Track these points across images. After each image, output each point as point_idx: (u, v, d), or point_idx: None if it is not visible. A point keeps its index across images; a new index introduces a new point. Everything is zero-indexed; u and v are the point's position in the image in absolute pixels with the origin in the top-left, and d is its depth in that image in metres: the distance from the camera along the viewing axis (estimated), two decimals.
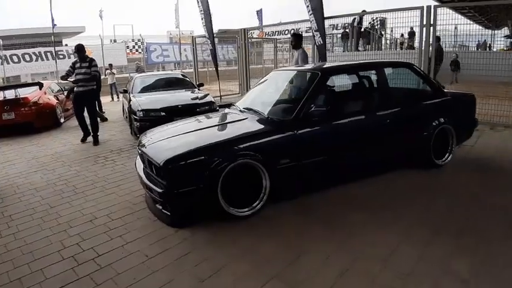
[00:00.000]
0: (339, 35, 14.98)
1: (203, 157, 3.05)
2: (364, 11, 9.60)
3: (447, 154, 4.52)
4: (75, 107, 6.59)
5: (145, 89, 7.44)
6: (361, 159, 3.86)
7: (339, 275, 2.38)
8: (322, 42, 7.82)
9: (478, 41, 17.97)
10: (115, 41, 19.31)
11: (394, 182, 3.99)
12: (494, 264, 2.45)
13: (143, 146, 3.59)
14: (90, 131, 6.52)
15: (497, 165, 4.56)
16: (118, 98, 13.88)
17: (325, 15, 7.56)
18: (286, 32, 17.02)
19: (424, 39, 6.95)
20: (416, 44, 11.97)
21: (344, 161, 3.74)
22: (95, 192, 4.15)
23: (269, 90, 4.40)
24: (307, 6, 7.67)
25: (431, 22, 6.77)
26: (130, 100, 6.87)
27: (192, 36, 11.53)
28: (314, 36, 7.86)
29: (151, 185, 3.19)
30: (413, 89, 4.51)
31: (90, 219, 3.44)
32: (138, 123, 6.27)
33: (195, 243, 2.88)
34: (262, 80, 4.73)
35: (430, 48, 6.97)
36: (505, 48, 18.59)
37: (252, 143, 3.24)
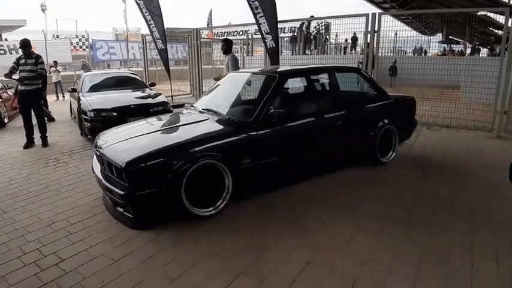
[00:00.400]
0: (286, 39, 15.45)
1: (166, 158, 3.09)
2: (312, 16, 10.01)
3: (391, 152, 4.95)
4: (21, 107, 6.19)
5: (95, 88, 7.18)
6: (316, 158, 4.12)
7: (303, 267, 2.56)
8: (274, 45, 7.99)
9: (415, 46, 19.48)
10: (57, 36, 18.16)
11: (346, 178, 4.30)
12: (439, 249, 2.78)
13: (101, 147, 3.52)
14: (39, 132, 6.15)
15: (435, 162, 5.07)
16: (63, 97, 13.16)
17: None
18: (235, 33, 17.18)
19: (369, 44, 7.45)
20: (358, 49, 12.77)
21: (301, 160, 3.97)
22: (50, 196, 3.99)
23: (227, 91, 4.51)
24: (256, 8, 7.68)
25: (376, 29, 7.28)
26: (79, 100, 6.61)
27: (142, 35, 11.22)
28: (265, 39, 7.98)
29: (111, 187, 3.16)
30: (361, 92, 4.86)
31: (48, 224, 3.33)
32: (89, 124, 6.07)
33: (160, 244, 2.92)
34: (220, 81, 4.83)
35: (374, 53, 7.48)
36: (439, 54, 20.34)
37: (214, 143, 3.33)
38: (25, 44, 5.88)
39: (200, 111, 4.11)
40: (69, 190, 4.16)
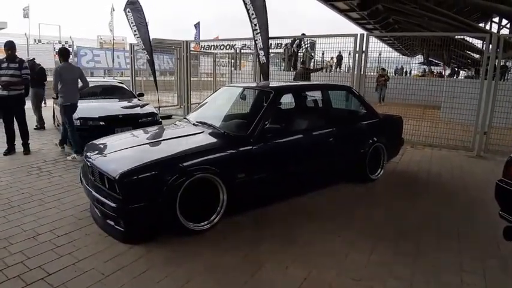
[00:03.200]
0: (272, 54, 15.67)
1: (161, 171, 3.03)
2: (303, 34, 10.20)
3: (379, 169, 5.03)
4: (2, 114, 5.97)
5: (81, 96, 7.00)
6: (309, 174, 4.14)
7: (300, 284, 2.54)
8: (265, 61, 8.16)
9: (396, 66, 20.10)
10: (39, 41, 17.75)
11: (337, 195, 4.35)
12: (430, 265, 2.83)
13: (92, 157, 3.44)
14: (21, 138, 5.94)
15: (421, 180, 5.19)
16: (45, 103, 12.78)
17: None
18: (222, 47, 17.29)
19: (356, 63, 7.62)
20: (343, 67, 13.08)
21: (295, 176, 3.99)
22: (34, 206, 3.83)
23: (221, 105, 4.51)
24: (255, 25, 7.92)
25: (363, 49, 7.46)
26: None
27: (130, 44, 11.13)
28: (258, 55, 8.16)
29: (102, 199, 3.07)
30: (352, 110, 4.95)
31: (32, 236, 3.18)
32: None
33: (152, 260, 2.83)
34: (213, 94, 4.82)
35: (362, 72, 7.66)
36: (419, 74, 21.03)
37: (210, 157, 3.30)
38: (11, 47, 5.67)
39: (194, 124, 4.07)
40: (53, 201, 4.01)
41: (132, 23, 9.32)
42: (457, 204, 4.19)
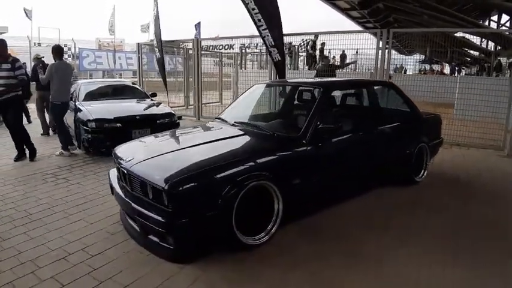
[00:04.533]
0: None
1: (216, 179, 2.64)
2: (316, 36, 9.80)
3: (423, 171, 4.68)
4: (3, 118, 5.56)
5: (93, 97, 6.57)
6: (360, 177, 3.80)
7: None
8: (280, 59, 7.73)
9: (395, 65, 19.86)
10: (39, 44, 17.17)
11: (386, 199, 3.99)
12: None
13: (129, 163, 2.99)
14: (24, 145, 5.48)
15: (462, 179, 4.91)
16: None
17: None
18: (227, 46, 16.84)
19: (379, 61, 7.28)
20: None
21: (347, 179, 3.63)
22: (57, 219, 3.41)
23: (258, 104, 4.12)
24: (259, 20, 7.41)
25: (386, 46, 7.13)
26: (77, 109, 6.00)
27: (138, 43, 10.70)
28: (270, 52, 7.75)
29: (146, 212, 2.66)
30: (398, 107, 4.59)
31: (62, 256, 2.76)
32: (89, 135, 5.50)
33: (212, 282, 2.44)
34: (245, 93, 4.42)
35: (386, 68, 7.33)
36: (422, 72, 20.86)
37: (264, 161, 2.93)
38: (1, 45, 5.09)
39: (233, 125, 3.68)
40: (78, 212, 3.59)
41: (154, 15, 8.89)
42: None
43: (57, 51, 5.76)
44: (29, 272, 2.54)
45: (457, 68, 23.78)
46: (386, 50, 7.23)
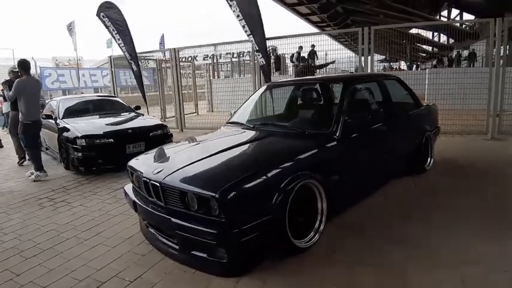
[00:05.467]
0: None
1: (267, 182, 2.45)
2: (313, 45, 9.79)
3: (429, 159, 4.74)
4: None
5: (75, 114, 6.11)
6: (386, 168, 3.78)
7: None
8: (264, 63, 7.74)
9: (356, 65, 20.51)
10: None
11: (406, 188, 4.02)
12: None
13: (157, 175, 2.68)
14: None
15: (462, 163, 5.06)
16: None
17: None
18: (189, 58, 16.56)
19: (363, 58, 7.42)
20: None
21: (375, 171, 3.58)
22: (72, 246, 3.05)
23: (272, 104, 3.98)
24: (243, 27, 7.49)
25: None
26: (60, 127, 5.55)
27: (109, 56, 10.16)
28: (256, 57, 7.76)
29: (191, 226, 2.39)
30: (407, 99, 4.62)
31: (96, 286, 2.44)
32: (79, 154, 5.10)
33: None
34: (255, 94, 4.26)
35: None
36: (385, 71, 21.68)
37: (306, 159, 2.79)
38: None
39: (253, 127, 3.50)
40: (93, 236, 3.24)
41: (112, 29, 8.48)
42: None
43: (24, 65, 5.23)
44: None
45: (415, 64, 24.90)
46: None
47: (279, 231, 2.45)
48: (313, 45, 9.52)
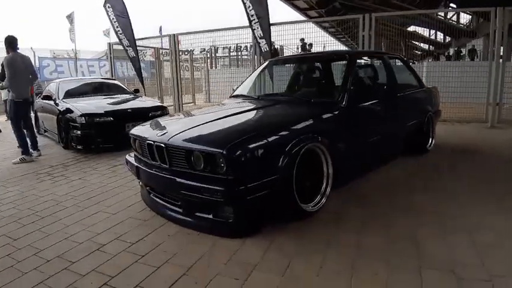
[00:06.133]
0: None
1: (274, 141, 2.40)
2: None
3: (431, 139, 4.71)
4: None
5: (74, 95, 6.02)
6: (391, 144, 3.75)
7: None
8: (267, 49, 7.71)
9: None
10: None
11: (409, 166, 3.98)
12: None
13: (162, 137, 2.60)
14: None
15: (464, 146, 5.04)
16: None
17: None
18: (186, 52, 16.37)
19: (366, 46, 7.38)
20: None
21: (381, 146, 3.54)
22: (71, 214, 2.98)
23: (276, 78, 3.92)
24: (252, 16, 7.49)
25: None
26: (59, 106, 5.46)
27: (109, 43, 10.00)
28: (259, 43, 7.71)
29: (197, 184, 2.32)
30: (410, 77, 4.59)
31: (96, 248, 2.36)
32: (79, 132, 5.02)
33: (286, 249, 2.20)
34: (258, 69, 4.21)
35: None
36: None
37: (313, 124, 2.77)
38: None
39: (258, 97, 3.44)
40: (92, 205, 3.17)
41: (113, 19, 8.39)
42: None
43: (9, 42, 4.90)
44: (61, 269, 2.13)
45: (411, 62, 24.95)
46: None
47: (286, 193, 2.39)
48: (302, 39, 9.57)
